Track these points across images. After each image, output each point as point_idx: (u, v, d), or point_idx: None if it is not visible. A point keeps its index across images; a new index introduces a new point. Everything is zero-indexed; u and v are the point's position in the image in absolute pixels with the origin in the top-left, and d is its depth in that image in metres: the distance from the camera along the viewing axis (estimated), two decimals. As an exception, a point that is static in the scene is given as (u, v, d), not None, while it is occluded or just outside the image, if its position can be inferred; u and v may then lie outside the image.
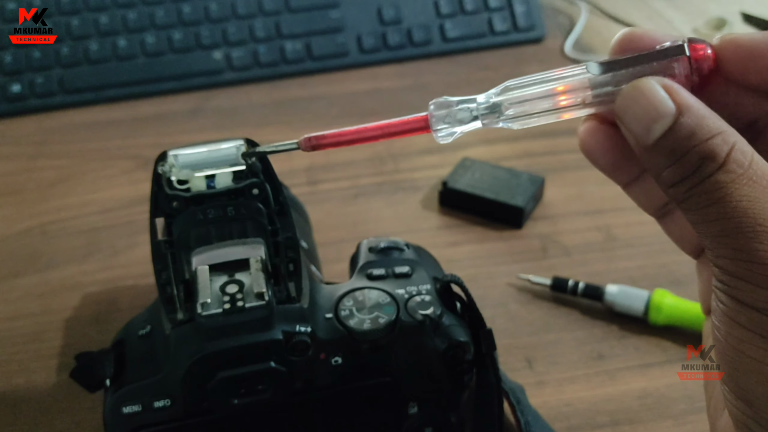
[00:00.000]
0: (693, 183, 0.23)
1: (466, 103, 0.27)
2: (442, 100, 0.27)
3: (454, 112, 0.27)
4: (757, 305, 0.22)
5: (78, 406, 0.42)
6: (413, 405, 0.34)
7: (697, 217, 0.23)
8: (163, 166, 0.30)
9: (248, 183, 0.31)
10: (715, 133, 0.22)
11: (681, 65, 0.24)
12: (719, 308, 0.23)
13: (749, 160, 0.22)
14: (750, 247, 0.22)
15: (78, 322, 0.47)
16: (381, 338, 0.32)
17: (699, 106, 0.23)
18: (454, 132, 0.27)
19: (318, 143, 0.28)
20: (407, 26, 0.72)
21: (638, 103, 0.23)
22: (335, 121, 0.64)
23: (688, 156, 0.23)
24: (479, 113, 0.27)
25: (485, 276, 0.50)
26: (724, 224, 0.22)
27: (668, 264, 0.50)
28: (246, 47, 0.70)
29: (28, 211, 0.57)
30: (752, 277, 0.22)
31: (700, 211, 0.23)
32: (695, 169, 0.23)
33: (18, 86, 0.67)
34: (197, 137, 0.63)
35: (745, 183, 0.22)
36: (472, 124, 0.27)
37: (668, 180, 0.23)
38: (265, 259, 0.31)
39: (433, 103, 0.27)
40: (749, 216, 0.22)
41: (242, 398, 0.31)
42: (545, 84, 0.26)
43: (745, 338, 0.22)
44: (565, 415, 0.41)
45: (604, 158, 0.28)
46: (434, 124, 0.27)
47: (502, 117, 0.26)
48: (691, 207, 0.23)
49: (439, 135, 0.27)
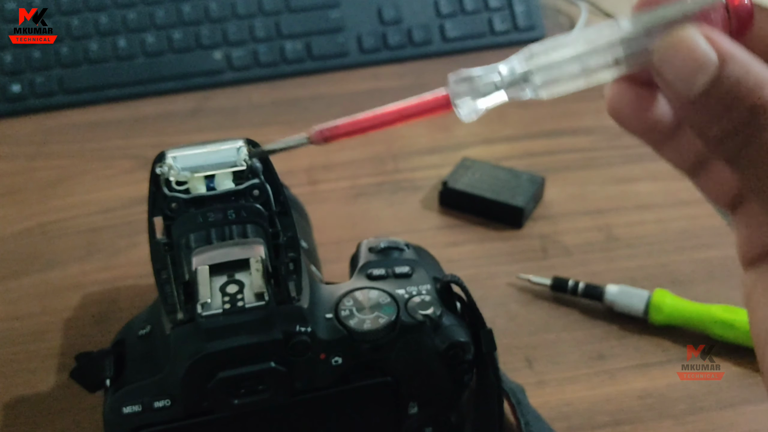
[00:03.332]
0: (744, 138, 0.21)
1: (489, 76, 0.24)
2: (463, 74, 0.25)
3: (476, 87, 0.25)
4: None
5: (78, 406, 0.42)
6: (413, 405, 0.34)
7: (750, 175, 0.22)
8: (161, 166, 0.30)
9: (249, 185, 0.31)
10: (765, 81, 0.21)
11: (718, 12, 0.22)
12: None
13: None
14: None
15: (78, 322, 0.47)
16: (381, 338, 0.32)
17: (743, 53, 0.21)
18: (477, 108, 0.25)
19: (331, 134, 0.26)
20: (407, 26, 0.72)
21: (677, 55, 0.22)
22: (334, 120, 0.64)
23: (737, 108, 0.21)
24: (504, 86, 0.24)
25: (485, 276, 0.50)
26: None
27: (668, 264, 0.50)
28: (246, 47, 0.70)
29: (28, 211, 0.57)
30: None
31: (753, 168, 0.21)
32: (745, 123, 0.21)
33: (18, 86, 0.67)
34: (197, 137, 0.63)
35: None
36: (496, 96, 0.25)
37: (716, 136, 0.22)
38: (265, 260, 0.31)
39: (452, 78, 0.25)
40: None
41: (242, 398, 0.31)
42: (573, 45, 0.24)
43: None
44: (565, 415, 0.41)
45: (635, 120, 0.26)
46: (456, 100, 0.25)
47: (529, 86, 0.24)
48: (744, 164, 0.21)
49: (463, 113, 0.25)
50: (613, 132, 0.62)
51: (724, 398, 0.42)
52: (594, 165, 0.59)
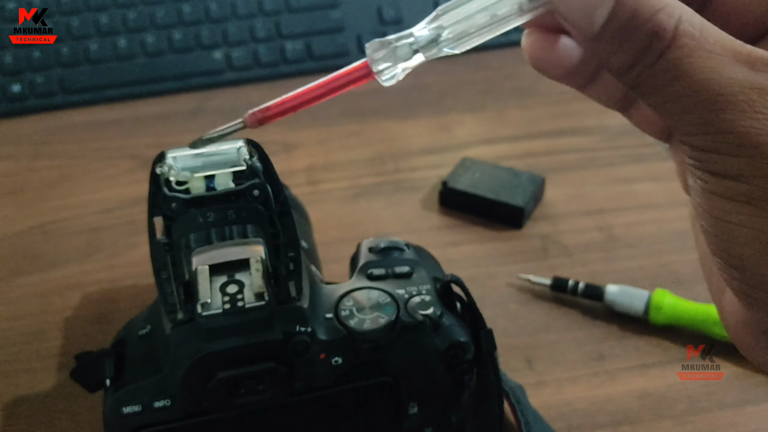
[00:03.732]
0: (645, 65, 0.22)
1: (403, 39, 0.26)
2: (378, 41, 0.26)
3: (393, 51, 0.26)
4: (732, 173, 0.22)
5: (78, 406, 0.42)
6: (413, 405, 0.34)
7: (657, 100, 0.23)
8: (161, 166, 0.30)
9: (249, 185, 0.31)
10: (659, 8, 0.22)
11: None
12: (697, 184, 0.23)
13: (699, 30, 0.22)
14: (714, 119, 0.21)
15: (78, 321, 0.47)
16: (381, 338, 0.32)
17: None
18: (397, 72, 0.26)
19: (264, 116, 0.27)
20: (407, 26, 0.72)
21: None
22: (335, 120, 0.64)
23: (635, 37, 0.22)
24: (419, 46, 0.26)
25: (485, 276, 0.50)
26: (685, 101, 0.22)
27: (669, 264, 0.50)
28: (246, 47, 0.70)
29: (29, 211, 0.57)
30: (722, 147, 0.22)
31: (658, 93, 0.22)
32: (645, 50, 0.22)
33: (18, 86, 0.67)
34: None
35: (698, 55, 0.21)
36: (414, 59, 0.26)
37: (620, 66, 0.23)
38: (265, 260, 0.31)
39: (369, 46, 0.26)
40: (708, 88, 0.21)
41: (242, 398, 0.31)
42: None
43: (726, 207, 0.22)
44: (565, 415, 0.41)
45: (555, 68, 0.28)
46: (375, 66, 0.26)
47: (441, 43, 0.25)
48: (649, 90, 0.22)
49: (383, 78, 0.26)
50: (613, 132, 0.62)
51: (724, 398, 0.42)
52: (594, 165, 0.59)
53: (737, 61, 0.21)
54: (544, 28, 0.27)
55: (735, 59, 0.21)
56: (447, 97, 0.67)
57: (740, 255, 0.23)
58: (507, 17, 0.25)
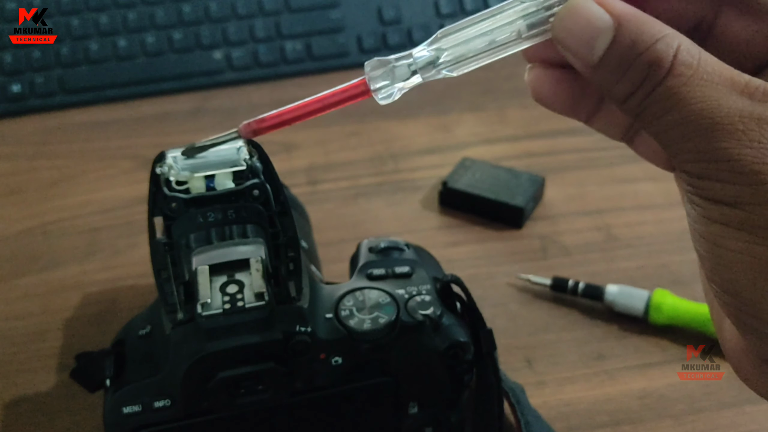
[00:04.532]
0: (645, 93, 0.22)
1: (402, 59, 0.26)
2: (377, 60, 0.26)
3: (392, 71, 0.26)
4: (727, 200, 0.22)
5: (78, 406, 0.42)
6: (413, 405, 0.34)
7: (656, 128, 0.23)
8: (161, 166, 0.30)
9: (249, 184, 0.31)
10: (658, 37, 0.22)
11: None
12: (694, 210, 0.23)
13: (697, 59, 0.22)
14: (711, 147, 0.22)
15: (78, 322, 0.47)
16: (381, 338, 0.32)
17: (636, 13, 0.23)
18: (394, 91, 0.26)
19: (258, 127, 0.27)
20: (407, 26, 0.72)
21: (575, 23, 0.23)
22: (335, 120, 0.64)
23: (635, 66, 0.22)
24: (417, 67, 0.26)
25: (485, 276, 0.50)
26: (683, 129, 0.22)
27: (668, 264, 0.50)
28: (246, 47, 0.70)
29: (29, 211, 0.57)
30: (718, 174, 0.22)
31: (657, 121, 0.23)
32: (644, 79, 0.22)
33: (18, 86, 0.67)
34: (197, 137, 0.62)
35: (696, 84, 0.22)
36: (411, 80, 0.26)
37: (620, 95, 0.23)
38: (265, 260, 0.31)
39: (368, 65, 0.26)
40: (706, 116, 0.22)
41: (242, 398, 0.31)
42: (478, 23, 0.25)
43: (721, 233, 0.22)
44: (565, 415, 0.41)
45: (559, 101, 0.28)
46: (373, 85, 0.26)
47: (439, 66, 0.26)
48: (648, 118, 0.23)
49: (380, 96, 0.26)
50: (613, 132, 0.62)
51: (724, 398, 0.42)
52: (594, 165, 0.59)
53: (735, 91, 0.22)
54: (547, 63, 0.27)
55: (733, 88, 0.22)
56: (447, 97, 0.67)
57: (735, 281, 0.23)
58: (506, 44, 0.25)
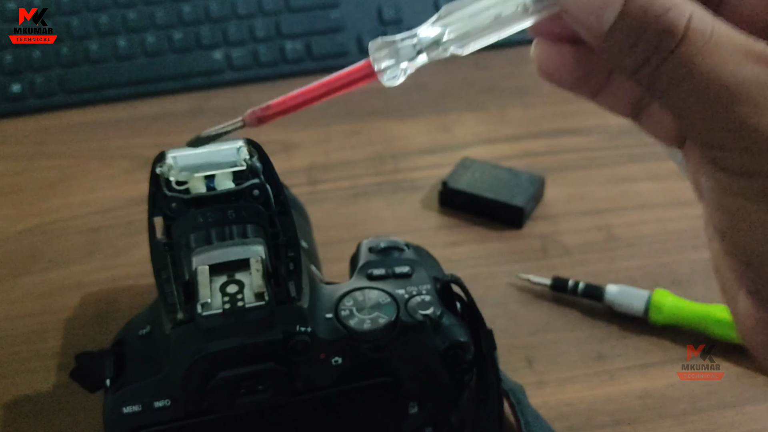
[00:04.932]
0: (657, 62, 0.22)
1: (407, 39, 0.25)
2: (382, 39, 0.25)
3: (396, 51, 0.25)
4: (745, 170, 0.22)
5: (78, 406, 0.42)
6: (413, 405, 0.34)
7: (669, 98, 0.22)
8: (161, 166, 0.30)
9: (249, 185, 0.31)
10: (670, 5, 0.21)
11: None
12: (710, 183, 0.23)
13: (710, 27, 0.21)
14: (727, 116, 0.21)
15: (78, 322, 0.47)
16: (381, 338, 0.32)
17: None
18: (399, 72, 0.25)
19: (264, 115, 0.27)
20: (407, 26, 0.72)
21: None
22: (335, 120, 0.64)
23: (646, 35, 0.22)
24: (422, 46, 0.25)
25: (485, 276, 0.50)
26: (697, 98, 0.22)
27: (669, 264, 0.50)
28: (246, 47, 0.70)
29: (29, 211, 0.57)
30: (735, 143, 0.21)
31: (670, 92, 0.22)
32: (656, 47, 0.22)
33: (18, 86, 0.67)
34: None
35: (710, 52, 0.21)
36: (418, 59, 0.25)
37: (631, 66, 0.22)
38: (265, 260, 0.31)
39: (372, 45, 0.25)
40: (721, 84, 0.21)
41: (242, 398, 0.31)
42: None
43: (739, 204, 0.22)
44: (565, 415, 0.41)
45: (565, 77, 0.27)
46: (378, 65, 0.25)
47: (445, 44, 0.25)
48: (661, 89, 0.22)
49: (386, 78, 0.26)
50: (613, 132, 0.62)
51: (724, 398, 0.42)
52: (594, 165, 0.59)
53: (750, 59, 0.21)
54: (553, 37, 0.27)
55: (747, 56, 0.21)
56: (447, 97, 0.67)
57: (754, 252, 0.22)
58: (512, 18, 0.24)
